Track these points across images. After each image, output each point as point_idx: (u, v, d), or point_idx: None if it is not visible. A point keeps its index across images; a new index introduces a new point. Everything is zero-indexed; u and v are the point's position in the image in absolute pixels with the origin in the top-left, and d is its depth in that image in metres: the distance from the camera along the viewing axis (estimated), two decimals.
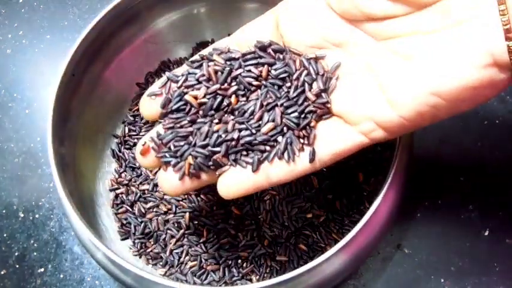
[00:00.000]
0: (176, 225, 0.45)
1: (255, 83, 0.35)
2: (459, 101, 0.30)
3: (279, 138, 0.34)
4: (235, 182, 0.35)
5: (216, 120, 0.35)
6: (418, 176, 0.48)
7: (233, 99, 0.35)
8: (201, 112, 0.35)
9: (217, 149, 0.34)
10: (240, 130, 0.34)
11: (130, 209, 0.47)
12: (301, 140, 0.34)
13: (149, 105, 0.37)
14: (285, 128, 0.34)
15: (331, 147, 0.34)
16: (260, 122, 0.34)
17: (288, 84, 0.35)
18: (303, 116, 0.34)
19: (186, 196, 0.45)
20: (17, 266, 0.50)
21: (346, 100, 0.34)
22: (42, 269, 0.49)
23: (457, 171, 0.50)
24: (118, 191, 0.48)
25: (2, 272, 0.50)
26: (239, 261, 0.43)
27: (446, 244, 0.47)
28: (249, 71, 0.35)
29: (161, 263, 0.45)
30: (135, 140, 0.50)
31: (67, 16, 0.62)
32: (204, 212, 0.44)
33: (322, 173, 0.45)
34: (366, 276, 0.46)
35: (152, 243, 0.45)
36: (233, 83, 0.35)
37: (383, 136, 0.32)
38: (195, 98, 0.35)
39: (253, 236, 0.44)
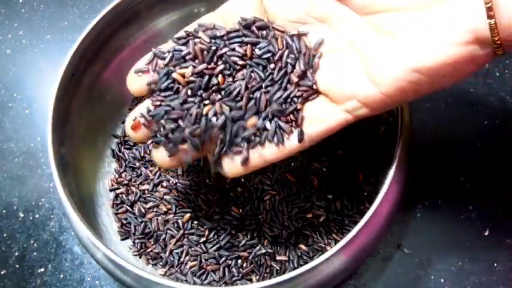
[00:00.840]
0: (176, 225, 0.45)
1: (240, 62, 0.35)
2: (440, 77, 0.30)
3: (267, 125, 0.35)
4: (233, 164, 0.36)
5: (206, 102, 0.35)
6: (418, 176, 0.48)
7: (220, 78, 0.35)
8: (189, 91, 0.35)
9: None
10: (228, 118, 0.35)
11: (130, 209, 0.47)
12: (289, 124, 0.35)
13: (137, 82, 0.37)
14: (271, 114, 0.35)
15: (318, 126, 0.34)
16: (247, 109, 0.35)
17: (272, 65, 0.35)
18: (289, 100, 0.35)
19: (186, 196, 0.45)
20: (17, 266, 0.50)
21: (330, 78, 0.34)
22: (42, 269, 0.49)
23: (457, 171, 0.50)
24: (118, 191, 0.48)
25: (2, 272, 0.50)
26: (239, 261, 0.43)
27: (446, 244, 0.47)
28: (234, 49, 0.35)
29: (161, 263, 0.45)
30: (135, 140, 0.50)
31: (67, 16, 0.62)
32: (204, 212, 0.44)
33: (322, 173, 0.45)
34: (366, 276, 0.46)
35: (152, 243, 0.45)
36: (219, 62, 0.36)
37: (366, 113, 0.33)
38: (183, 76, 0.36)
39: (253, 236, 0.44)
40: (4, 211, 0.52)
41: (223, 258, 0.43)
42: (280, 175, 0.45)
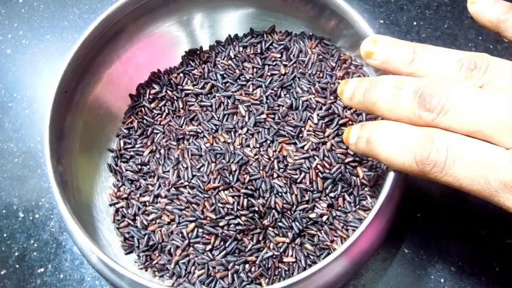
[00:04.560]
0: (180, 235, 0.44)
1: None
2: None
3: None
4: None
5: None
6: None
7: None
8: None
9: None
10: None
11: (132, 223, 0.46)
12: None
13: None
14: None
15: None
16: None
17: None
18: None
19: (188, 205, 0.44)
20: (17, 266, 0.50)
21: None
22: (42, 269, 0.49)
23: None
24: (118, 205, 0.47)
25: (2, 272, 0.49)
26: (247, 265, 0.43)
27: (446, 244, 0.47)
28: None
29: (168, 275, 0.44)
30: (131, 153, 0.49)
31: (67, 16, 0.62)
32: (208, 219, 0.44)
33: (323, 172, 0.44)
34: (366, 276, 0.47)
35: (157, 255, 0.45)
36: None
37: None
38: None
39: (259, 240, 0.44)
40: (4, 211, 0.52)
41: (231, 264, 0.42)
42: (281, 177, 0.45)
